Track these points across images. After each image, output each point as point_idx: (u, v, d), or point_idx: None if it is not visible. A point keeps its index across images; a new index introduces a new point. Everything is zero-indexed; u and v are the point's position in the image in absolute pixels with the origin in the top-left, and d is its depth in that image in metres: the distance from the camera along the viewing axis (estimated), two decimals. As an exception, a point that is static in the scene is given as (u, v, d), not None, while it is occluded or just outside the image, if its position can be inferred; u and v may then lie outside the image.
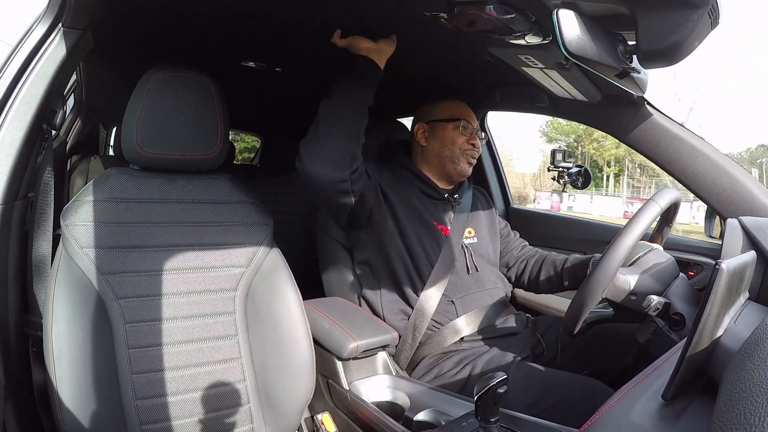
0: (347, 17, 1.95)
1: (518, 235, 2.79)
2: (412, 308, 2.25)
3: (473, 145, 2.42)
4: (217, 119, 1.92)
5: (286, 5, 1.84)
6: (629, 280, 1.83)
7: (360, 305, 2.37)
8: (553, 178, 2.88)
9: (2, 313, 1.65)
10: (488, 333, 2.27)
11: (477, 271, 2.38)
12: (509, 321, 2.35)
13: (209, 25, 2.14)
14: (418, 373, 2.19)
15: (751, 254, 1.26)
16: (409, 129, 2.60)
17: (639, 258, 1.94)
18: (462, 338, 2.24)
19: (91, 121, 4.03)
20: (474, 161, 2.45)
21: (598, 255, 2.15)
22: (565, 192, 2.91)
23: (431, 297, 2.24)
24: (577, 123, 2.72)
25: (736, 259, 1.03)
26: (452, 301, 2.27)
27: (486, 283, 2.39)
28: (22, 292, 1.77)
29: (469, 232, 2.44)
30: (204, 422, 1.80)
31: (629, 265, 1.93)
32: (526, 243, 2.77)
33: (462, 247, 2.38)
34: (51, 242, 1.81)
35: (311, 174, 2.01)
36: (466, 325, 2.25)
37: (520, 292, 3.01)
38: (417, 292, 2.27)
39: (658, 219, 1.90)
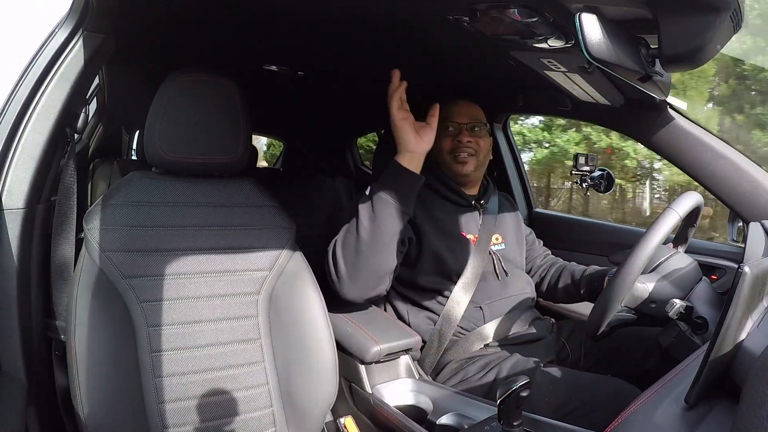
0: (370, 22, 1.95)
1: (542, 243, 2.78)
2: (438, 315, 2.23)
3: (459, 141, 2.34)
4: (239, 123, 1.91)
5: (309, 9, 1.85)
6: (648, 288, 1.82)
7: (385, 310, 2.36)
8: (575, 182, 2.87)
9: (25, 317, 1.66)
10: (514, 338, 2.26)
11: (507, 276, 2.37)
12: (535, 326, 2.33)
13: (232, 28, 2.15)
14: (442, 378, 2.18)
15: (774, 258, 1.26)
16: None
17: (660, 263, 1.93)
18: (487, 344, 2.23)
19: (114, 124, 4.05)
20: (468, 158, 2.35)
21: (615, 269, 2.14)
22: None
23: (458, 303, 2.22)
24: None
25: (759, 262, 1.03)
26: (480, 308, 2.26)
27: (514, 289, 2.38)
28: (46, 295, 1.78)
29: (497, 239, 2.42)
30: (227, 425, 1.80)
31: (651, 271, 1.92)
32: (549, 252, 2.76)
33: (490, 253, 2.35)
34: (74, 246, 1.81)
35: (350, 298, 2.04)
36: (492, 331, 2.24)
37: (544, 296, 3.00)
38: (444, 298, 2.25)
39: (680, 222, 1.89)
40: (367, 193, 2.03)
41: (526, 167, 2.88)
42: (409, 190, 2.02)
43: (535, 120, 15.40)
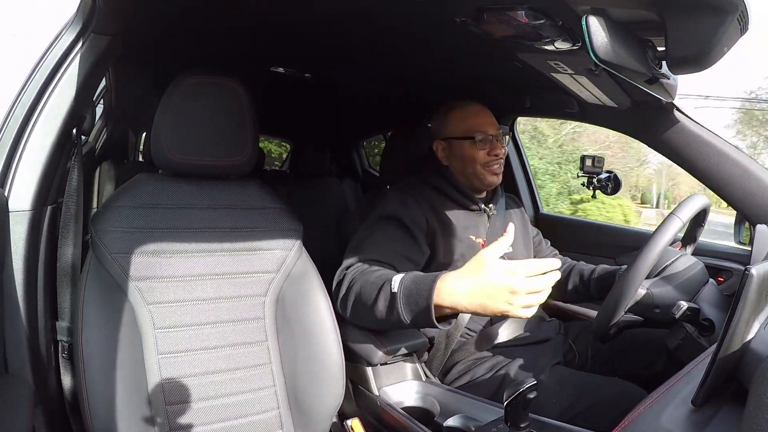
0: (377, 23, 1.95)
1: (549, 243, 2.78)
2: None
3: (496, 155, 2.32)
4: (246, 124, 1.91)
5: (316, 12, 1.85)
6: (652, 294, 1.83)
7: None
8: (583, 184, 2.87)
9: (32, 319, 1.66)
10: (521, 339, 2.26)
11: None
12: (542, 327, 2.34)
13: (239, 30, 2.15)
14: (450, 379, 2.18)
15: (781, 260, 1.26)
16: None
17: (667, 266, 1.93)
18: (495, 345, 2.23)
19: (121, 126, 4.06)
20: (500, 169, 2.36)
21: (625, 267, 2.14)
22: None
23: None
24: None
25: (766, 264, 1.03)
26: None
27: None
28: (52, 297, 1.78)
29: None
30: (234, 427, 1.80)
31: (657, 274, 1.92)
32: (556, 252, 2.75)
33: None
34: (80, 248, 1.81)
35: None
36: (500, 332, 2.24)
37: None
38: None
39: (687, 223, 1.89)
40: (394, 289, 1.79)
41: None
42: (424, 325, 1.82)
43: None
